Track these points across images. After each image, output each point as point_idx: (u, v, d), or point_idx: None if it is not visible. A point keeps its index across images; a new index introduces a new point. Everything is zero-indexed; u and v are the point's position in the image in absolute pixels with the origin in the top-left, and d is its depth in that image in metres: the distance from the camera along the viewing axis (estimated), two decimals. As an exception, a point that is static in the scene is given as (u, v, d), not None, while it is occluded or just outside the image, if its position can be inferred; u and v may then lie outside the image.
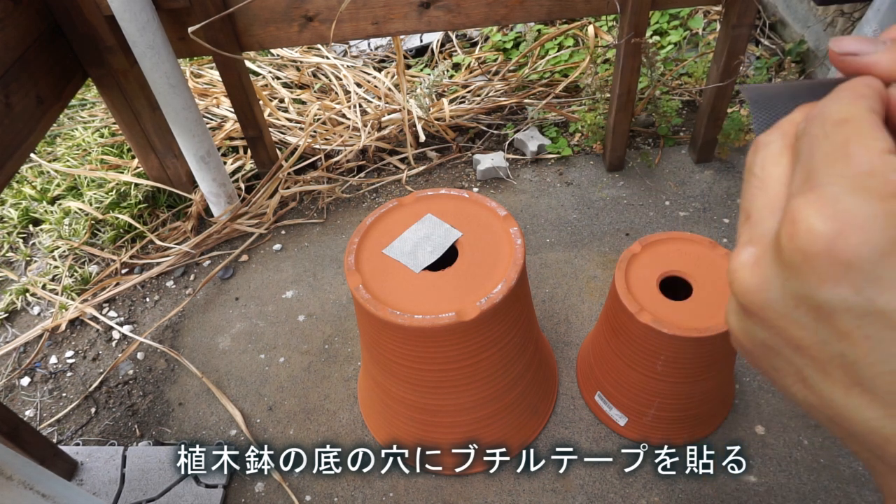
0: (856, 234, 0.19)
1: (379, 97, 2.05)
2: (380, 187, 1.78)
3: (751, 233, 0.23)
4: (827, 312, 0.20)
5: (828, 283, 0.19)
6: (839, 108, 0.22)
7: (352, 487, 1.13)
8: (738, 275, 0.23)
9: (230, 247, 1.64)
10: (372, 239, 0.96)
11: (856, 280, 0.19)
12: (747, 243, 0.23)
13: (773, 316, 0.22)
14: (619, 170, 1.74)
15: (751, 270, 0.22)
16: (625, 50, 1.45)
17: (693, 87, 1.96)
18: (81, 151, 1.95)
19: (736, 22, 1.40)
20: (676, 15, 2.19)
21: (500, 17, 1.47)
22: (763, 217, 0.23)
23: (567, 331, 1.35)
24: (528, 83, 2.05)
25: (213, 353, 1.39)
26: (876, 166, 0.19)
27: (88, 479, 1.15)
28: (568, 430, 1.18)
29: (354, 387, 1.29)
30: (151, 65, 1.34)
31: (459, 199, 1.02)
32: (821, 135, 0.21)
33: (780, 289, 0.21)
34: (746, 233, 0.24)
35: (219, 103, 2.03)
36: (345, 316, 1.44)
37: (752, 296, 0.22)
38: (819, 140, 0.21)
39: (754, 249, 0.22)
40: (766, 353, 0.23)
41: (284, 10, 1.43)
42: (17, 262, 1.69)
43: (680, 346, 0.95)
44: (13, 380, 1.39)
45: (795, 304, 0.21)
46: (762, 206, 0.23)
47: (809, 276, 0.20)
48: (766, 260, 0.22)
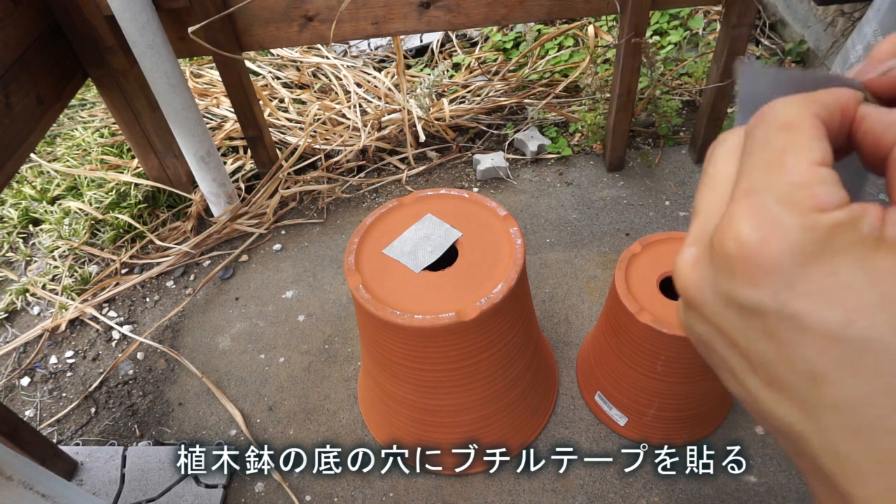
0: (777, 242, 0.20)
1: (379, 97, 2.05)
2: (380, 187, 1.78)
3: (696, 231, 0.24)
4: (749, 313, 0.21)
5: (749, 286, 0.21)
6: (786, 111, 0.22)
7: (352, 487, 1.13)
8: (680, 270, 0.24)
9: (230, 247, 1.64)
10: (372, 239, 0.96)
11: (773, 285, 0.20)
12: (692, 241, 0.24)
13: (707, 312, 0.23)
14: (619, 170, 1.74)
15: (691, 267, 0.24)
16: (625, 50, 1.45)
17: (693, 87, 1.96)
18: (81, 151, 1.95)
19: (736, 22, 1.40)
20: (676, 15, 2.19)
21: (500, 17, 1.47)
22: (709, 216, 0.24)
23: (567, 331, 1.35)
24: (528, 83, 2.05)
25: (213, 353, 1.39)
26: (806, 178, 0.21)
27: (88, 479, 1.15)
28: (568, 430, 1.18)
29: (354, 387, 1.29)
30: (151, 65, 1.34)
31: (459, 199, 1.02)
32: (763, 139, 0.22)
33: (712, 287, 0.22)
34: (693, 230, 0.25)
35: (219, 103, 2.03)
36: (345, 316, 1.44)
37: (690, 292, 0.24)
38: (760, 144, 0.22)
39: (695, 248, 0.24)
40: (705, 346, 0.25)
41: (284, 10, 1.43)
42: (17, 262, 1.69)
43: (680, 346, 0.95)
44: (13, 380, 1.39)
45: (725, 303, 0.22)
46: (709, 204, 0.24)
47: (735, 278, 0.21)
48: (704, 259, 0.23)
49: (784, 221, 0.20)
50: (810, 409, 0.21)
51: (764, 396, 0.22)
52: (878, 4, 1.23)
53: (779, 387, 0.21)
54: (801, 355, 0.20)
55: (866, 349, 0.19)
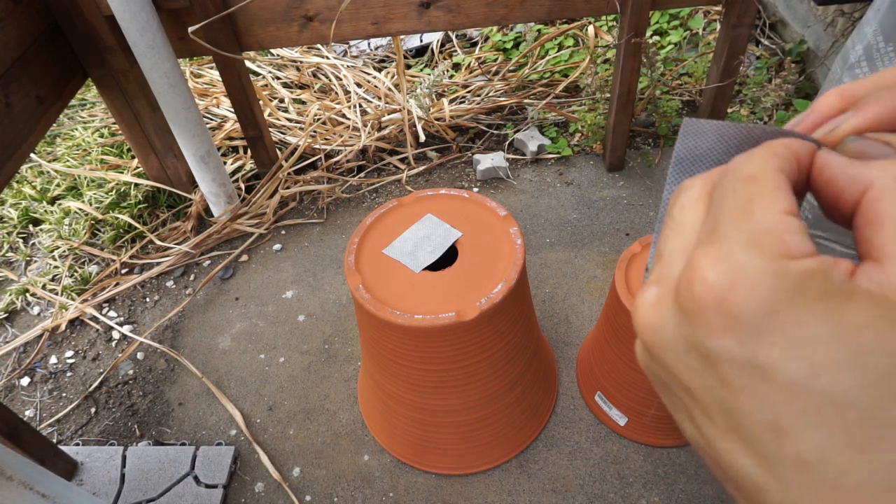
0: (745, 289, 0.20)
1: (379, 97, 2.05)
2: (380, 187, 1.78)
3: (659, 273, 0.24)
4: (713, 360, 0.21)
5: (715, 333, 0.20)
6: (750, 165, 0.23)
7: (352, 487, 1.13)
8: (639, 311, 0.24)
9: (230, 247, 1.64)
10: (372, 239, 0.96)
11: (740, 333, 0.20)
12: (654, 282, 0.24)
13: (665, 355, 0.23)
14: (619, 170, 1.74)
15: (651, 309, 0.23)
16: (625, 50, 1.45)
17: (693, 87, 1.96)
18: (81, 151, 1.95)
19: (736, 22, 1.40)
20: (676, 15, 2.19)
21: (500, 17, 1.47)
22: (673, 260, 0.24)
23: (567, 331, 1.35)
24: (528, 83, 2.05)
25: (213, 353, 1.39)
26: (773, 226, 0.21)
27: (88, 479, 1.15)
28: (568, 430, 1.18)
29: (354, 387, 1.29)
30: (151, 65, 1.34)
31: (459, 199, 1.02)
32: (730, 189, 0.23)
33: (673, 331, 0.22)
34: (656, 272, 0.25)
35: (219, 103, 2.03)
36: (345, 316, 1.44)
37: (649, 334, 0.23)
38: (728, 194, 0.23)
39: (657, 290, 0.24)
40: (662, 387, 0.25)
41: (284, 10, 1.43)
42: (17, 262, 1.69)
43: (680, 346, 0.95)
44: (13, 380, 1.39)
45: (686, 349, 0.22)
46: (674, 248, 0.24)
47: (699, 324, 0.21)
48: (667, 302, 0.23)
49: (752, 268, 0.20)
50: (771, 461, 0.20)
51: (721, 446, 0.22)
52: (878, 4, 1.23)
53: (738, 436, 0.21)
54: (764, 405, 0.20)
55: (832, 403, 0.19)
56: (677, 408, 0.24)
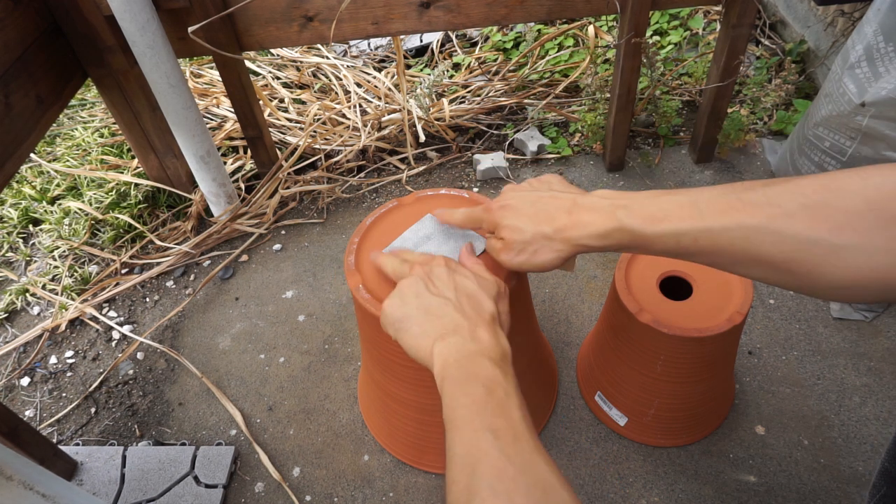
0: (388, 312, 0.70)
1: (379, 97, 2.05)
2: (380, 187, 1.78)
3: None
4: (395, 331, 0.70)
5: (389, 328, 0.71)
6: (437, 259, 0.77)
7: (352, 487, 1.13)
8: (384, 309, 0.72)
9: (230, 247, 1.64)
10: (372, 239, 0.96)
11: (394, 326, 0.70)
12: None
13: (393, 321, 0.70)
14: (619, 170, 1.74)
15: (387, 305, 0.71)
16: (625, 50, 1.45)
17: (693, 87, 1.96)
18: (81, 151, 1.95)
19: (736, 22, 1.40)
20: (676, 15, 2.19)
21: (500, 17, 1.47)
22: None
23: (567, 331, 1.35)
24: (528, 83, 2.05)
25: (213, 353, 1.39)
26: (404, 284, 0.73)
27: (88, 479, 1.15)
28: (568, 430, 1.18)
29: (354, 387, 1.29)
30: (151, 65, 1.34)
31: (459, 199, 1.02)
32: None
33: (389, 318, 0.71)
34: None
35: (219, 103, 2.03)
36: (345, 316, 1.44)
37: (387, 315, 0.71)
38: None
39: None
40: (400, 326, 0.70)
41: (284, 10, 1.43)
42: (17, 262, 1.69)
43: (680, 346, 0.95)
44: (13, 380, 1.39)
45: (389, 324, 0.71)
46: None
47: (384, 324, 0.71)
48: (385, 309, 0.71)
49: (392, 302, 0.72)
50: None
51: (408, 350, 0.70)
52: (878, 4, 1.23)
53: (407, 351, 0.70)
54: (409, 346, 0.69)
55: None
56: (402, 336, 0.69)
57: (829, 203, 0.47)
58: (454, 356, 0.62)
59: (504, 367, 0.61)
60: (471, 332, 0.64)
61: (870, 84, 1.21)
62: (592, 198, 0.66)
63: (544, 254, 0.68)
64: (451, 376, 0.60)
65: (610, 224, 0.62)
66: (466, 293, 0.69)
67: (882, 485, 0.66)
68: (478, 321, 0.65)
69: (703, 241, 0.54)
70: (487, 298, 0.69)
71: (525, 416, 0.56)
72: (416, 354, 0.67)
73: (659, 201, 0.60)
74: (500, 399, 0.57)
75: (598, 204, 0.65)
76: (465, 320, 0.65)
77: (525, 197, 0.71)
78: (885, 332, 1.28)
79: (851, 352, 1.25)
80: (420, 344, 0.66)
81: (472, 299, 0.68)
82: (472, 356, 0.61)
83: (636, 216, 0.60)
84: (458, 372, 0.60)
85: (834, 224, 0.46)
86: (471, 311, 0.67)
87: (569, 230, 0.65)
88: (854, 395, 1.18)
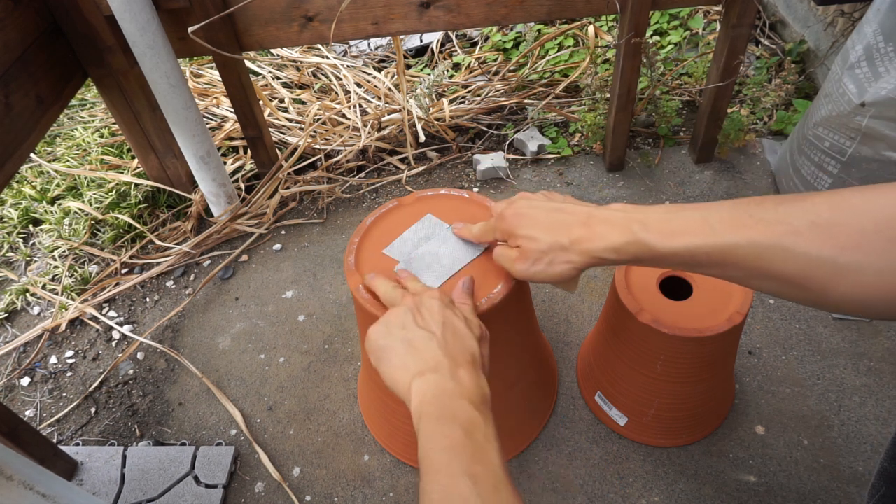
0: (372, 339, 0.71)
1: (379, 97, 2.05)
2: (380, 187, 1.78)
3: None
4: (376, 360, 0.70)
5: (371, 355, 0.70)
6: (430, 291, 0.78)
7: (352, 487, 1.13)
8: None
9: (230, 247, 1.64)
10: (372, 239, 0.96)
11: (375, 354, 0.70)
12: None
13: (375, 349, 0.71)
14: (619, 170, 1.74)
15: (372, 332, 0.72)
16: (625, 50, 1.45)
17: (693, 87, 1.96)
18: (81, 151, 1.95)
19: (736, 22, 1.40)
20: (676, 15, 2.19)
21: (500, 17, 1.47)
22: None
23: (567, 331, 1.35)
24: (528, 83, 2.05)
25: (213, 353, 1.39)
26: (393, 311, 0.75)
27: (88, 479, 1.15)
28: (568, 430, 1.18)
29: (354, 387, 1.29)
30: (151, 65, 1.34)
31: (459, 199, 1.02)
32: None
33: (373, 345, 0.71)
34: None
35: (219, 103, 2.03)
36: (345, 316, 1.44)
37: (371, 342, 0.71)
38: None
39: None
40: (381, 356, 0.69)
41: (284, 10, 1.43)
42: (17, 262, 1.69)
43: (680, 346, 0.95)
44: (13, 380, 1.39)
45: (371, 351, 0.71)
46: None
47: (367, 349, 0.71)
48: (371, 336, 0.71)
49: (377, 330, 0.72)
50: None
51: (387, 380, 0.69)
52: (878, 4, 1.23)
53: (386, 384, 0.68)
54: (390, 370, 0.69)
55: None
56: (385, 362, 0.69)
57: (838, 222, 0.48)
58: (432, 394, 0.61)
59: (484, 410, 0.60)
60: (451, 371, 0.63)
61: (870, 84, 1.21)
62: (608, 211, 0.66)
63: (559, 265, 0.68)
64: (428, 414, 0.59)
65: (625, 237, 0.62)
66: (452, 329, 0.68)
67: (881, 485, 0.67)
68: (460, 361, 0.65)
69: (717, 257, 0.55)
70: (472, 338, 0.69)
71: (504, 462, 0.55)
72: (394, 387, 0.65)
73: (673, 216, 0.60)
74: (480, 443, 0.56)
75: (613, 217, 0.65)
76: (447, 358, 0.64)
77: (540, 207, 0.71)
78: (885, 332, 1.28)
79: (851, 352, 1.25)
80: (399, 377, 0.65)
81: (457, 337, 0.68)
82: (452, 396, 0.61)
83: (652, 231, 0.60)
84: (436, 410, 0.59)
85: (842, 243, 0.47)
86: (454, 349, 0.66)
87: (585, 242, 0.65)
88: (854, 395, 1.18)
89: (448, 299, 0.74)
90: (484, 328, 0.74)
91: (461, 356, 0.66)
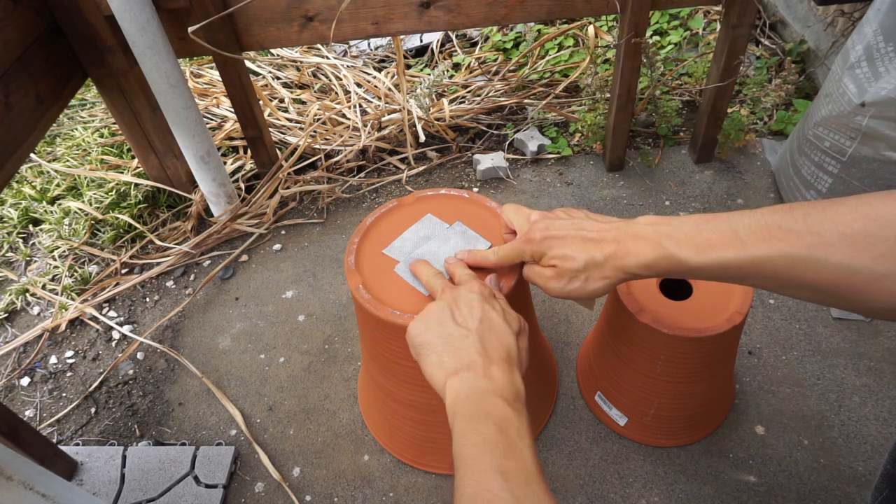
0: (412, 335, 0.73)
1: (379, 97, 2.05)
2: (380, 187, 1.78)
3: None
4: (416, 355, 0.72)
5: (411, 350, 0.73)
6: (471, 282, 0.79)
7: (352, 487, 1.13)
8: (409, 329, 0.74)
9: (230, 247, 1.64)
10: (372, 239, 0.96)
11: (415, 350, 0.72)
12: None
13: (414, 344, 0.73)
14: (619, 170, 1.74)
15: (412, 328, 0.74)
16: (625, 50, 1.45)
17: (693, 87, 1.96)
18: (81, 151, 1.95)
19: (736, 22, 1.40)
20: (676, 15, 2.19)
21: (500, 17, 1.47)
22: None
23: (567, 331, 1.35)
24: (528, 83, 2.05)
25: (213, 353, 1.39)
26: (433, 308, 0.75)
27: (88, 479, 1.15)
28: (568, 430, 1.18)
29: (354, 387, 1.29)
30: (151, 65, 1.34)
31: (459, 199, 1.02)
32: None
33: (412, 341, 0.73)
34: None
35: (219, 103, 2.03)
36: (345, 316, 1.44)
37: (410, 338, 0.73)
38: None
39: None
40: (420, 352, 0.71)
41: (284, 10, 1.43)
42: (17, 262, 1.69)
43: (680, 346, 0.95)
44: (13, 380, 1.39)
45: (411, 346, 0.73)
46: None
47: (409, 345, 0.74)
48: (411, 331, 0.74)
49: (416, 327, 0.74)
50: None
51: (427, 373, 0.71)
52: (878, 4, 1.23)
53: (426, 373, 0.71)
54: (428, 364, 0.70)
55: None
56: (425, 359, 0.70)
57: (870, 233, 0.49)
58: (466, 392, 0.63)
59: (517, 406, 0.61)
60: (485, 369, 0.64)
61: (870, 84, 1.21)
62: (637, 226, 0.66)
63: (595, 281, 0.68)
64: (461, 413, 0.61)
65: (657, 253, 0.62)
66: (490, 325, 0.69)
67: (884, 487, 0.67)
68: (494, 358, 0.66)
69: (748, 269, 0.56)
70: (510, 334, 0.69)
71: (536, 458, 0.56)
72: (432, 383, 0.68)
73: (701, 228, 0.60)
74: (512, 439, 0.57)
75: (643, 231, 0.65)
76: (481, 357, 0.65)
77: (566, 225, 0.71)
78: (885, 332, 1.28)
79: (851, 352, 1.25)
80: (435, 374, 0.67)
81: (493, 332, 0.69)
82: (485, 394, 0.62)
83: (682, 245, 0.61)
84: (470, 409, 0.61)
85: (876, 253, 0.48)
86: (489, 346, 0.67)
87: (619, 258, 0.65)
88: (854, 395, 1.18)
89: (489, 291, 0.75)
90: (522, 320, 0.74)
91: (496, 353, 0.66)
